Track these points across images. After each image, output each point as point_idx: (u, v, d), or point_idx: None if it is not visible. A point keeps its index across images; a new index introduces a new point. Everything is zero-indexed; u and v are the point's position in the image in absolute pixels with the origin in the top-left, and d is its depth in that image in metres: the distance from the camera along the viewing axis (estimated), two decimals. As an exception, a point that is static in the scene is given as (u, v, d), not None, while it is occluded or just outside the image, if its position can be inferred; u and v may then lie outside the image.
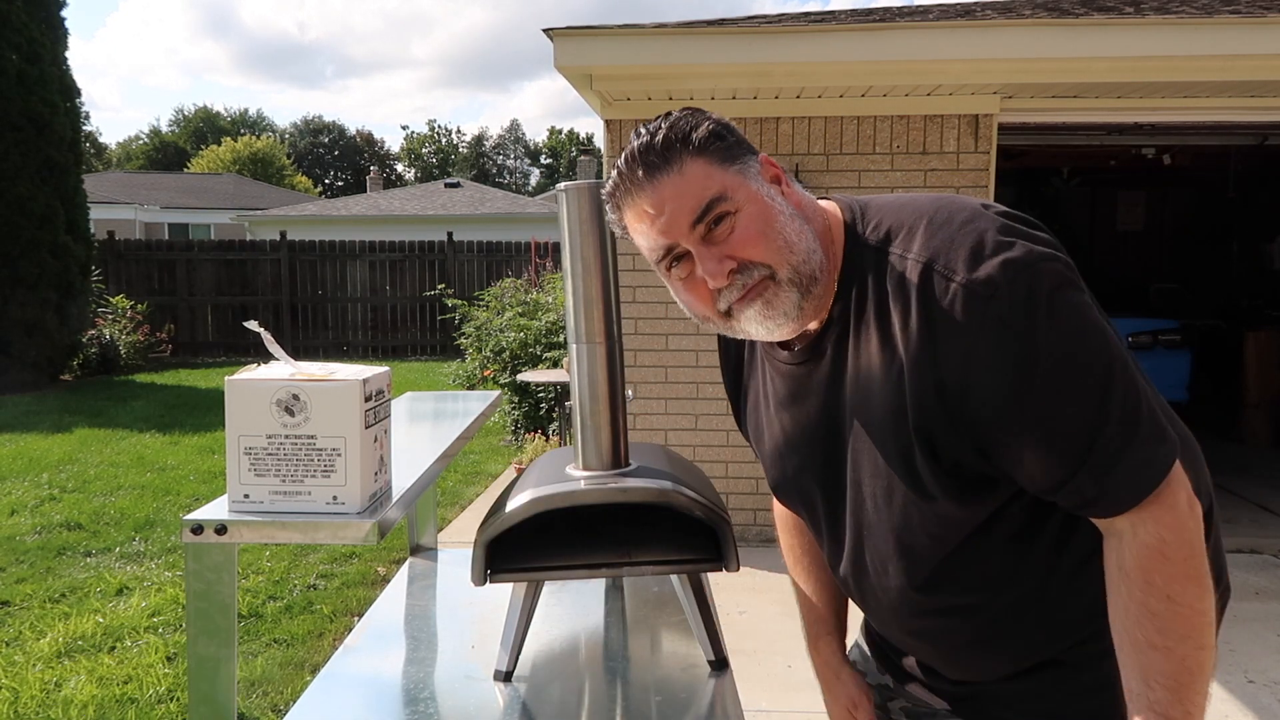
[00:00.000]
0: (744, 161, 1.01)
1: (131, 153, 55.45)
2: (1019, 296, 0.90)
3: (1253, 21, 4.01)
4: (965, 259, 0.93)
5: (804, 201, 1.04)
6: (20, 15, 10.38)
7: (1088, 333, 0.93)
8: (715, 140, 0.99)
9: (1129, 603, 0.94)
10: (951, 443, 0.97)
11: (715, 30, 4.30)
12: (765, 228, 0.99)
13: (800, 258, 0.99)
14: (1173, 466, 0.94)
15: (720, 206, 0.98)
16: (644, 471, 1.28)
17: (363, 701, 1.35)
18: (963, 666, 1.17)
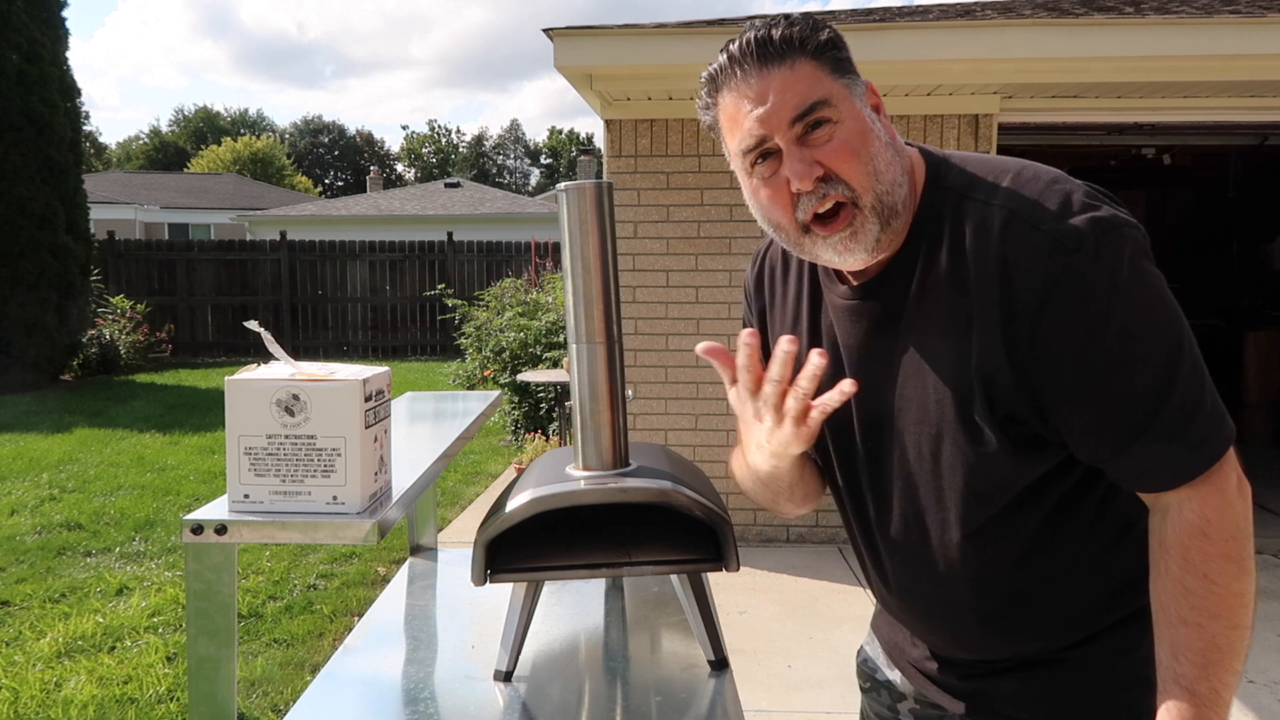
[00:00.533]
0: (853, 78, 0.99)
1: (131, 153, 55.46)
2: (1105, 253, 0.90)
3: (1253, 21, 4.01)
4: (1053, 211, 0.92)
5: (896, 136, 1.03)
6: (20, 15, 10.39)
7: (1165, 304, 0.92)
8: (832, 49, 0.97)
9: (1166, 578, 0.94)
10: (1009, 393, 0.96)
11: (715, 30, 4.30)
12: (861, 147, 0.96)
13: (885, 187, 0.97)
14: (1228, 448, 0.94)
15: (823, 110, 0.96)
16: (644, 471, 1.28)
17: (363, 701, 1.35)
18: (974, 644, 1.14)
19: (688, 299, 4.85)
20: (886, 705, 1.32)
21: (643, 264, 4.84)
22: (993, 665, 1.14)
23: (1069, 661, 1.09)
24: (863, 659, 1.38)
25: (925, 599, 1.15)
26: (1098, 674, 1.08)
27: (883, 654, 1.33)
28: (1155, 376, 0.91)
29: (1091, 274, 0.90)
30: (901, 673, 1.29)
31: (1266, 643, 3.61)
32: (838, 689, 3.22)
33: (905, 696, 1.28)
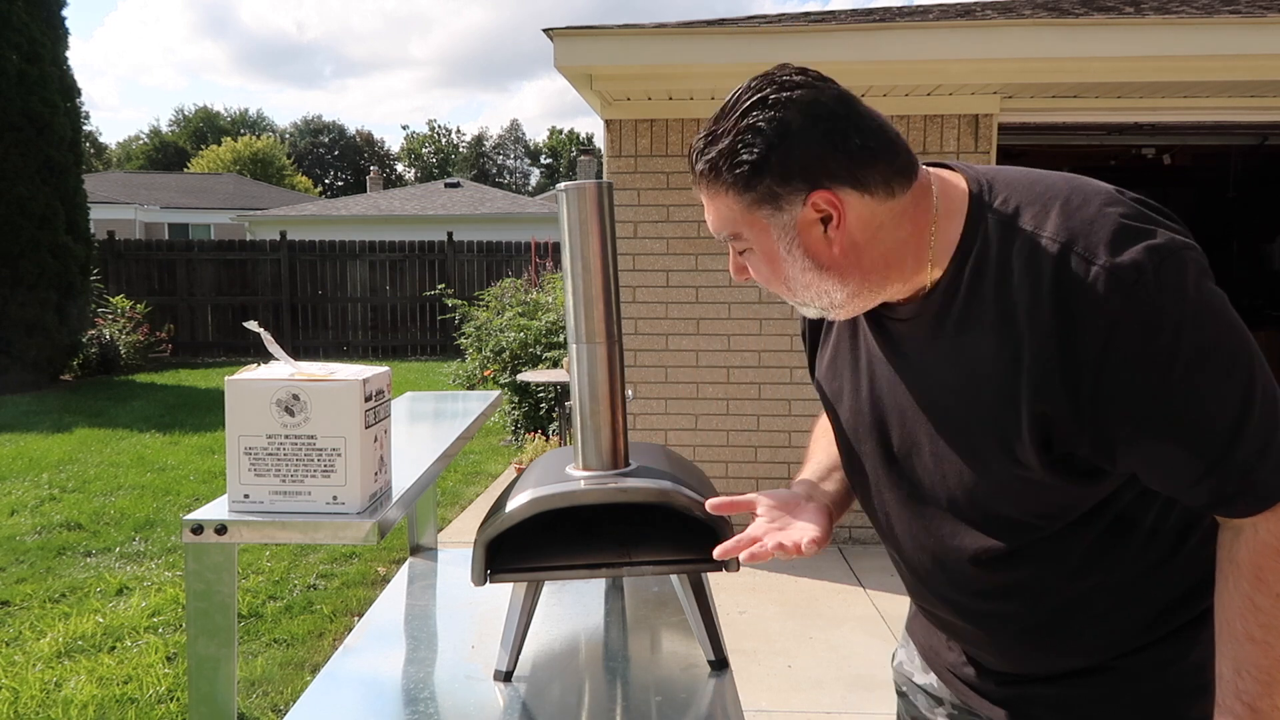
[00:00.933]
0: (776, 207, 0.97)
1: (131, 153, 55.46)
2: (1167, 283, 0.87)
3: (1253, 21, 4.01)
4: (1107, 242, 0.89)
5: (857, 236, 0.98)
6: (20, 15, 10.38)
7: (1231, 327, 0.90)
8: (749, 182, 0.97)
9: (1234, 594, 0.94)
10: (1069, 432, 0.94)
11: (715, 30, 4.30)
12: (770, 276, 1.03)
13: (804, 300, 1.04)
14: None
15: (736, 243, 1.04)
16: (644, 471, 1.28)
17: (363, 701, 1.35)
18: (1013, 656, 1.13)
19: (688, 299, 4.85)
20: (924, 709, 1.30)
21: (643, 264, 4.84)
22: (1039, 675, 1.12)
23: (1115, 670, 1.07)
24: (897, 662, 1.36)
25: (966, 613, 1.13)
26: (1144, 683, 1.06)
27: (918, 657, 1.31)
28: (1230, 406, 0.89)
29: (1153, 307, 0.87)
30: (938, 676, 1.26)
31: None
32: (838, 689, 3.22)
33: (942, 701, 1.26)
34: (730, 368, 4.87)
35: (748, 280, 1.07)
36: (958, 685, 1.22)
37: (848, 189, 0.96)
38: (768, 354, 4.84)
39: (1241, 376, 0.89)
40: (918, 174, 1.00)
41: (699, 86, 4.54)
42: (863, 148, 0.95)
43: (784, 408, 4.86)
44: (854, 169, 0.95)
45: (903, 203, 0.99)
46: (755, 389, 4.86)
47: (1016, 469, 0.98)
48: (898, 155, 0.97)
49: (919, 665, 1.30)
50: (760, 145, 0.95)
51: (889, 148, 0.97)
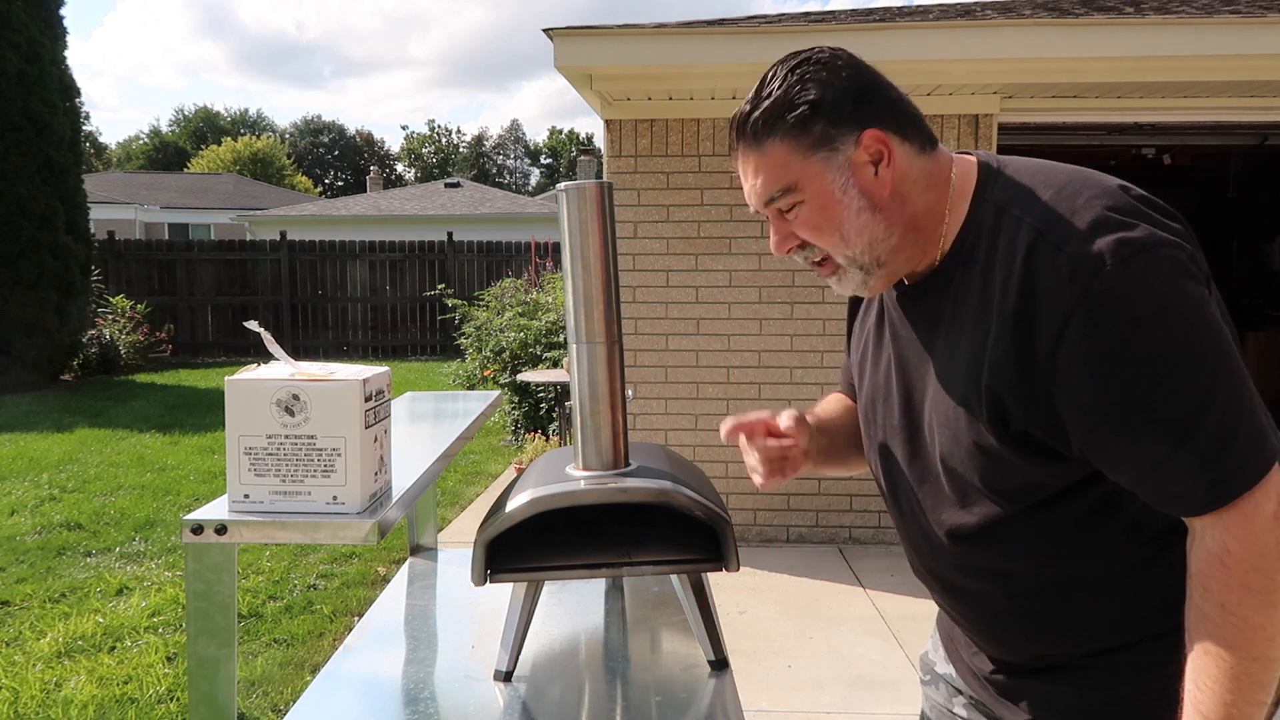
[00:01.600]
0: (831, 148, 1.02)
1: (131, 153, 55.45)
2: (1129, 278, 0.88)
3: (1253, 21, 4.01)
4: (1080, 231, 0.92)
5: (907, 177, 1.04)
6: (19, 15, 10.38)
7: (1195, 328, 0.89)
8: (806, 125, 1.01)
9: (1190, 603, 0.94)
10: (1022, 414, 0.97)
11: (715, 30, 4.30)
12: (823, 222, 1.04)
13: (857, 249, 1.04)
14: (1264, 477, 0.90)
15: (787, 198, 1.04)
16: (644, 471, 1.28)
17: (363, 701, 1.35)
18: (996, 640, 1.16)
19: (688, 299, 4.86)
20: (944, 699, 1.32)
21: (643, 264, 4.84)
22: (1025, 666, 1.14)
23: (1095, 669, 1.08)
24: (924, 652, 1.39)
25: (951, 590, 1.17)
26: (1122, 686, 1.07)
27: (941, 648, 1.33)
28: (1179, 408, 0.89)
29: (1111, 299, 0.89)
30: (956, 668, 1.29)
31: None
32: (838, 689, 3.22)
33: (961, 692, 1.28)
34: (730, 368, 4.87)
35: (790, 253, 1.09)
36: (970, 677, 1.24)
37: (892, 132, 1.02)
38: (768, 354, 4.85)
39: (1198, 380, 0.89)
40: (938, 144, 1.07)
41: (699, 86, 4.54)
42: (900, 98, 1.04)
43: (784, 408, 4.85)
44: (895, 115, 1.03)
45: (933, 165, 1.05)
46: (755, 389, 4.86)
47: (981, 442, 1.01)
48: (922, 118, 1.06)
49: (942, 655, 1.33)
50: (813, 90, 1.01)
51: (914, 107, 1.06)
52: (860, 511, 4.85)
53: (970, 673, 1.24)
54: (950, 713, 1.31)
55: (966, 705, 1.27)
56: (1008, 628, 1.13)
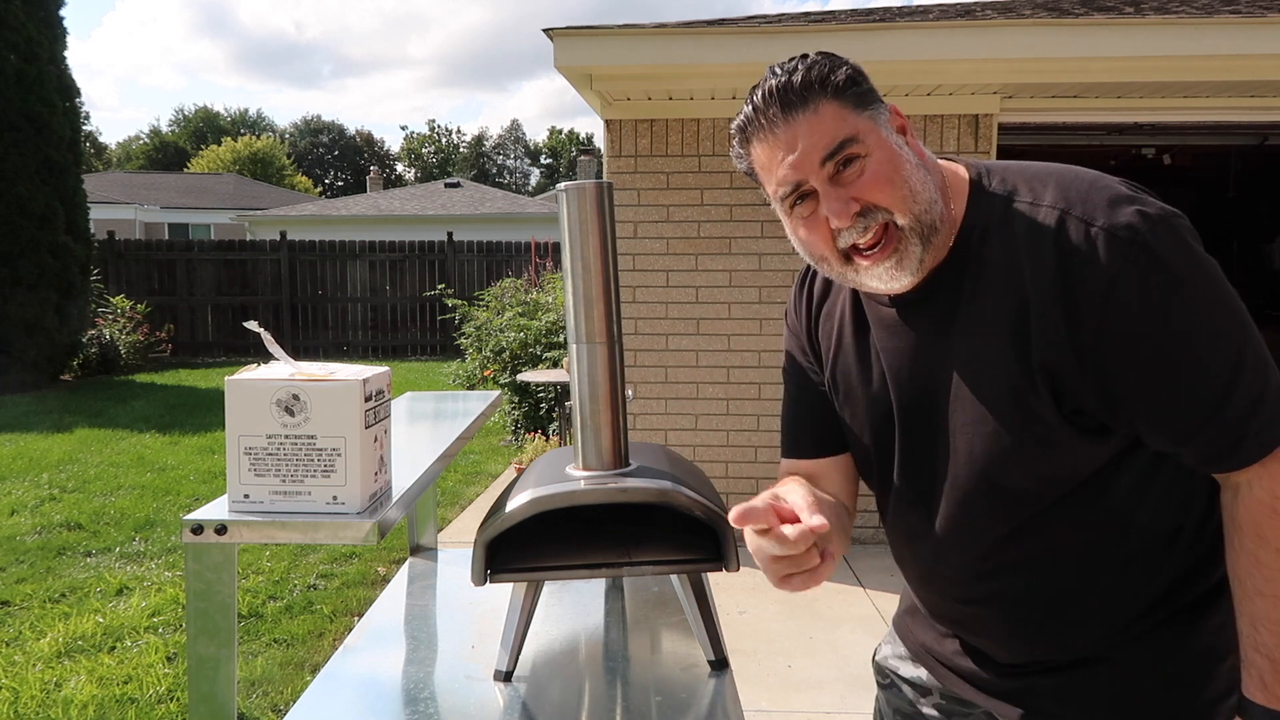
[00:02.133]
0: (875, 108, 1.03)
1: (131, 153, 55.45)
2: (1161, 241, 0.93)
3: (1253, 21, 4.01)
4: (1103, 207, 0.95)
5: (925, 153, 1.06)
6: (18, 15, 10.38)
7: (1224, 284, 0.95)
8: (851, 85, 1.01)
9: (1240, 552, 0.96)
10: (1076, 385, 0.97)
11: (715, 30, 4.30)
12: (893, 173, 1.00)
13: (923, 206, 1.01)
14: None
15: (851, 148, 1.00)
16: (644, 471, 1.28)
17: (363, 701, 1.35)
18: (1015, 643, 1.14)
19: (688, 299, 4.85)
20: (908, 701, 1.31)
21: (643, 264, 4.84)
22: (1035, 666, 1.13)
23: (1113, 661, 1.08)
24: (881, 656, 1.38)
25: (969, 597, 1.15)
26: (1145, 673, 1.07)
27: (905, 651, 1.33)
28: (1224, 358, 0.93)
29: (1150, 263, 0.92)
30: (928, 670, 1.28)
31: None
32: (838, 689, 3.22)
33: (930, 692, 1.28)
34: (730, 368, 4.87)
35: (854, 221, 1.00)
36: (950, 677, 1.23)
37: None
38: (768, 354, 4.84)
39: (1235, 332, 0.94)
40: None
41: (699, 86, 4.54)
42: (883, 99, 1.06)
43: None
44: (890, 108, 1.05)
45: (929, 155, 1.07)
46: (755, 389, 4.86)
47: (1034, 426, 1.00)
48: None
49: (907, 659, 1.32)
50: (845, 61, 1.02)
51: None
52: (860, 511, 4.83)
53: (949, 671, 1.23)
54: (918, 713, 1.30)
55: (936, 705, 1.27)
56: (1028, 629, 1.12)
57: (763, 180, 1.06)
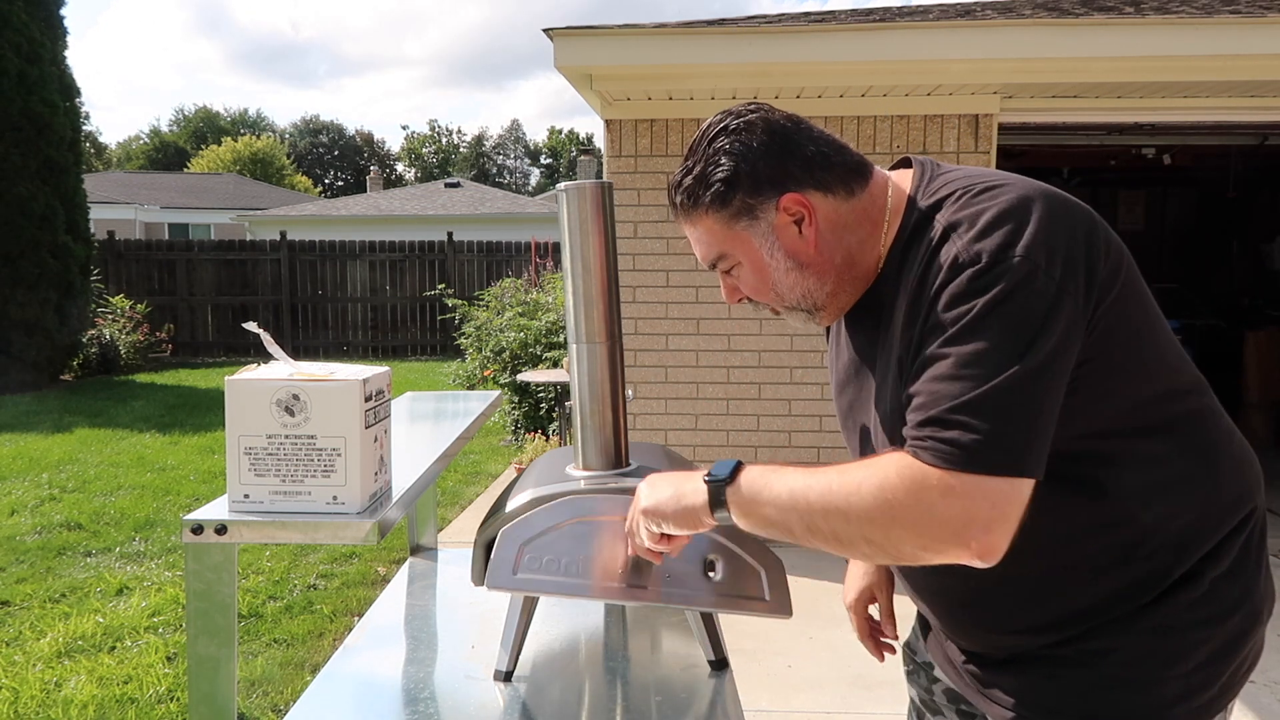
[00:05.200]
0: (753, 217, 1.10)
1: (131, 153, 55.45)
2: (986, 279, 0.95)
3: (1253, 21, 4.01)
4: (973, 233, 0.99)
5: (826, 235, 1.10)
6: (20, 15, 10.38)
7: (1014, 334, 0.94)
8: (721, 202, 1.10)
9: (854, 465, 1.00)
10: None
11: (715, 30, 4.30)
12: (759, 284, 1.14)
13: (793, 300, 1.14)
14: (967, 470, 0.92)
15: (724, 262, 1.15)
16: (644, 471, 1.28)
17: (363, 701, 1.35)
18: (961, 632, 1.19)
19: (688, 299, 4.85)
20: (924, 687, 1.36)
21: (643, 264, 4.84)
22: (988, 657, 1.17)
23: (1049, 659, 1.10)
24: (906, 642, 1.43)
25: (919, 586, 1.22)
26: (1078, 672, 1.09)
27: (921, 637, 1.38)
28: (967, 379, 0.94)
29: (970, 290, 0.95)
30: (934, 656, 1.32)
31: (1269, 643, 3.60)
32: (838, 689, 3.22)
33: (940, 679, 1.32)
34: (730, 368, 4.87)
35: (741, 302, 1.18)
36: (946, 665, 1.27)
37: (811, 190, 1.09)
38: (768, 354, 4.84)
39: (985, 371, 0.93)
40: (872, 173, 1.12)
41: (699, 86, 4.54)
42: (817, 153, 1.09)
43: (784, 408, 4.86)
44: (813, 172, 1.09)
45: (862, 202, 1.11)
46: (755, 389, 4.86)
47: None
48: (849, 155, 1.11)
49: (922, 646, 1.37)
50: (728, 164, 1.08)
51: (840, 150, 1.11)
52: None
53: (947, 661, 1.27)
54: (932, 700, 1.35)
55: (945, 692, 1.32)
56: (965, 620, 1.17)
57: None
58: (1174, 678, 1.05)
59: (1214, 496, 1.08)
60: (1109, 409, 1.02)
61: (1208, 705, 1.08)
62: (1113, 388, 1.02)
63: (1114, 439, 1.03)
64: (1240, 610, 1.09)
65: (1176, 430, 1.06)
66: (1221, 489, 1.08)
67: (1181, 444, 1.06)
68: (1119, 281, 1.01)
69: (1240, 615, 1.09)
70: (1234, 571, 1.08)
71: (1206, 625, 1.06)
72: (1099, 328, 0.99)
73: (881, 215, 1.11)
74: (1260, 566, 1.12)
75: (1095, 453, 1.03)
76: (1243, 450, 1.12)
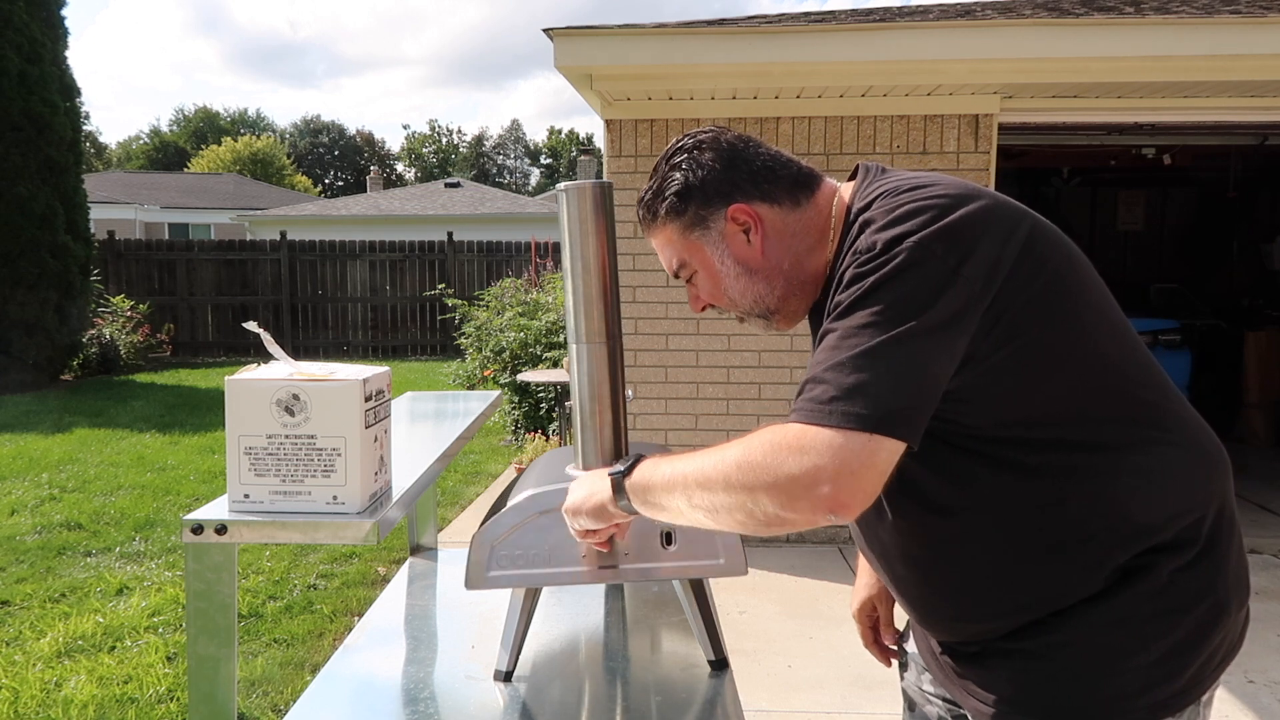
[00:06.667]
0: (705, 228, 1.19)
1: (132, 153, 55.46)
2: (884, 260, 1.00)
3: (1253, 21, 4.01)
4: (882, 223, 1.04)
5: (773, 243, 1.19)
6: (21, 15, 10.38)
7: (889, 306, 0.98)
8: (675, 213, 1.20)
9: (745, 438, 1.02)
10: None
11: (715, 30, 4.30)
12: (714, 289, 1.23)
13: (747, 305, 1.23)
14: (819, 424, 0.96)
15: (685, 270, 1.24)
16: (644, 471, 1.27)
17: (363, 701, 1.35)
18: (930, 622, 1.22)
19: (688, 299, 4.85)
20: (915, 677, 1.39)
21: (643, 264, 4.84)
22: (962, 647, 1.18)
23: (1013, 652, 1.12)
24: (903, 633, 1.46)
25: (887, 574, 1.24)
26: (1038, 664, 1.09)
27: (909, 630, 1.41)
28: (838, 347, 0.99)
29: (863, 274, 1.01)
30: (918, 647, 1.35)
31: (1266, 643, 3.61)
32: (838, 689, 3.22)
33: (926, 670, 1.34)
34: (730, 368, 4.87)
35: (704, 311, 1.27)
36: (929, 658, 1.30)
37: (758, 201, 1.18)
38: (768, 354, 4.84)
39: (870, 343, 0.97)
40: (820, 185, 1.20)
41: (699, 86, 4.54)
42: (764, 167, 1.19)
43: (784, 407, 4.86)
44: (759, 185, 1.18)
45: (808, 213, 1.19)
46: (755, 389, 4.86)
47: None
48: (795, 168, 1.20)
49: (911, 638, 1.40)
50: (681, 179, 1.19)
51: (786, 165, 1.20)
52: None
53: (929, 652, 1.29)
54: (920, 690, 1.37)
55: (932, 682, 1.34)
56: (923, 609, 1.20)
57: None
58: (1133, 669, 1.06)
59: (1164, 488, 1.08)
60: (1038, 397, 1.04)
61: (1173, 699, 1.08)
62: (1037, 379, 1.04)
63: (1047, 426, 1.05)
64: (1203, 603, 1.09)
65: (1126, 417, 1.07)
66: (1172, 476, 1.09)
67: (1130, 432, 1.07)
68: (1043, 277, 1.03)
69: (1204, 608, 1.09)
70: (1195, 564, 1.08)
71: (1166, 617, 1.07)
72: (1007, 319, 1.01)
73: (828, 224, 1.18)
74: (1226, 560, 1.12)
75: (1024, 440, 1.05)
76: (1202, 444, 1.12)
